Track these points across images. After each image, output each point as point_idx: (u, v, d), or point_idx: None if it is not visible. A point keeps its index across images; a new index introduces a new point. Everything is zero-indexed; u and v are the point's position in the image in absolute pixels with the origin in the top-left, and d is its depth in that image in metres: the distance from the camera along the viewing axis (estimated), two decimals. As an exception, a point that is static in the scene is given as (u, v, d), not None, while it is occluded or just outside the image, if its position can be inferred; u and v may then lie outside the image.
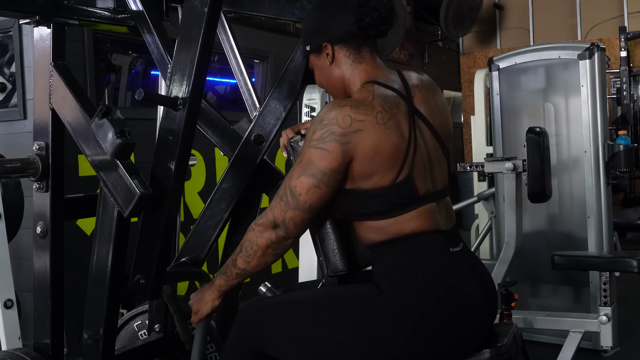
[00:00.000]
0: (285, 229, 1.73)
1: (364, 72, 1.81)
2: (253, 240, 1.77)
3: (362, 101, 1.70)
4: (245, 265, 1.80)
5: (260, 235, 1.76)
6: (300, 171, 1.71)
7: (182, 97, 1.87)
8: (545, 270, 3.82)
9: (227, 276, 1.86)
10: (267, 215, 1.75)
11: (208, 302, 1.91)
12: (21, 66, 3.74)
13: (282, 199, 1.73)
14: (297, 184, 1.70)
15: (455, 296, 1.70)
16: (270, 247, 1.76)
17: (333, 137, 1.66)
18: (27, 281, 2.20)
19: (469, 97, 8.21)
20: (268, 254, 1.77)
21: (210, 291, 1.90)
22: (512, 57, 4.20)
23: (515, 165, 3.58)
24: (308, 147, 1.70)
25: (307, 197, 1.70)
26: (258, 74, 5.48)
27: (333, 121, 1.67)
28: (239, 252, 1.81)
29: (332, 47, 1.82)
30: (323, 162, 1.68)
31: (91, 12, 2.17)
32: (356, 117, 1.67)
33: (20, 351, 2.09)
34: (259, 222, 1.77)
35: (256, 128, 2.16)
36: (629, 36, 7.51)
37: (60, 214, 2.08)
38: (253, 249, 1.77)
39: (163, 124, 1.92)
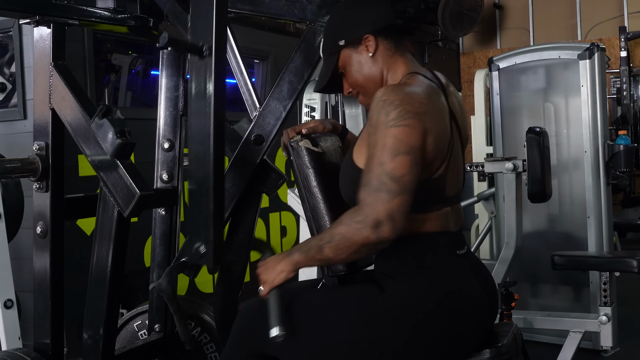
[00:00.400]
0: (392, 224, 1.57)
1: (405, 65, 1.79)
2: (348, 237, 1.61)
3: (419, 87, 1.69)
4: (333, 256, 1.66)
5: (357, 233, 1.60)
6: (391, 153, 1.59)
7: (208, 44, 1.80)
8: (545, 270, 3.82)
9: (308, 257, 1.72)
10: (365, 212, 1.59)
11: (282, 273, 1.76)
12: (21, 66, 3.74)
13: (380, 190, 1.58)
14: (395, 165, 1.58)
15: (457, 297, 1.70)
16: (366, 246, 1.61)
17: (411, 115, 1.61)
18: (27, 281, 2.20)
19: (469, 97, 8.21)
20: (361, 252, 1.64)
21: (285, 263, 1.76)
22: (512, 57, 4.20)
23: (515, 165, 3.58)
24: (387, 127, 1.60)
25: (410, 177, 1.59)
26: (258, 74, 5.48)
27: (404, 101, 1.62)
28: (328, 241, 1.65)
29: (374, 37, 1.78)
30: (411, 137, 1.60)
31: (91, 12, 2.17)
32: (421, 99, 1.65)
33: (20, 351, 2.09)
34: (357, 218, 1.60)
35: (256, 128, 2.16)
36: (629, 36, 7.51)
37: (60, 214, 2.08)
38: (346, 245, 1.62)
39: (194, 79, 1.84)
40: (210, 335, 2.45)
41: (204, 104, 1.81)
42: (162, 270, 2.28)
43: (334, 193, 1.92)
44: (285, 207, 4.17)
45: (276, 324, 1.70)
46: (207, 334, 2.45)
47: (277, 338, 1.66)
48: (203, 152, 1.81)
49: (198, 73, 1.81)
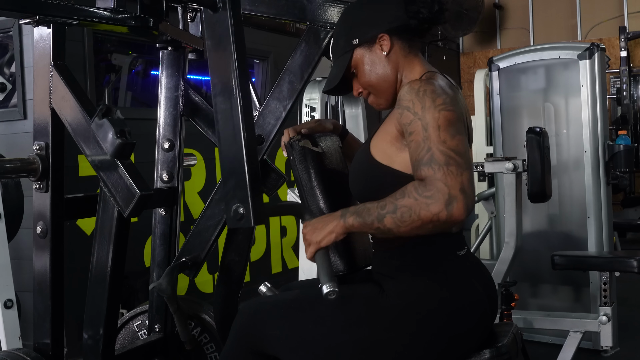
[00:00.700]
0: (464, 199, 1.53)
1: (421, 65, 1.80)
2: (415, 210, 1.55)
3: (444, 84, 1.70)
4: (393, 227, 1.60)
5: (426, 208, 1.54)
6: (448, 133, 1.58)
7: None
8: (545, 270, 3.82)
9: (365, 223, 1.64)
10: (437, 186, 1.54)
11: (332, 233, 1.69)
12: (21, 66, 3.74)
13: (449, 164, 1.55)
14: (456, 143, 1.58)
15: (457, 297, 1.70)
16: (434, 223, 1.55)
17: (450, 102, 1.64)
18: (27, 281, 2.20)
19: (469, 97, 8.21)
20: (427, 229, 1.58)
21: (338, 224, 1.68)
22: (512, 57, 4.20)
23: (515, 165, 3.58)
24: (437, 111, 1.60)
25: (470, 155, 1.62)
26: (258, 74, 5.48)
27: (440, 90, 1.65)
28: (392, 212, 1.59)
29: (388, 36, 1.78)
30: (459, 122, 1.63)
31: (91, 12, 2.16)
32: (451, 95, 1.67)
33: (20, 351, 2.09)
34: (427, 193, 1.54)
35: (256, 128, 2.16)
36: (629, 36, 7.51)
37: (60, 214, 2.08)
38: (412, 218, 1.56)
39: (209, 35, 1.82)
40: (210, 335, 2.45)
41: (225, 60, 1.78)
42: (162, 270, 2.28)
43: (334, 193, 1.92)
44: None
45: (327, 280, 1.63)
46: (207, 334, 2.45)
47: (330, 295, 1.60)
48: (230, 108, 1.79)
49: (213, 29, 1.79)
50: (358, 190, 1.83)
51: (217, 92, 1.82)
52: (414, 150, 1.61)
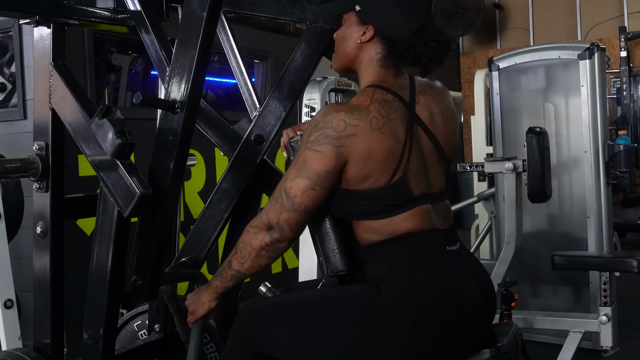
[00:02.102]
0: (280, 231, 1.74)
1: (375, 75, 1.80)
2: (247, 242, 1.77)
3: (358, 106, 1.70)
4: (239, 267, 1.80)
5: (254, 237, 1.76)
6: (295, 173, 1.72)
7: (180, 100, 1.88)
8: (545, 270, 3.82)
9: (222, 278, 1.86)
10: (262, 217, 1.76)
11: (204, 304, 1.92)
12: (21, 66, 3.74)
13: (277, 201, 1.73)
14: (292, 185, 1.71)
15: (453, 295, 1.70)
16: (264, 249, 1.76)
17: (327, 140, 1.68)
18: (27, 281, 2.20)
19: (469, 97, 8.21)
20: (262, 256, 1.77)
21: (207, 292, 1.91)
22: (512, 57, 4.20)
23: (515, 165, 3.58)
24: (303, 149, 1.71)
25: (302, 199, 1.71)
26: (258, 74, 5.48)
27: (328, 125, 1.68)
28: (234, 253, 1.81)
29: (373, 33, 1.79)
30: (317, 164, 1.69)
31: (91, 12, 2.17)
32: (350, 121, 1.68)
33: (20, 351, 2.09)
34: (254, 224, 1.77)
35: (256, 128, 2.16)
36: (629, 36, 7.50)
37: (60, 214, 2.08)
38: (247, 250, 1.77)
39: (162, 125, 1.92)
40: (210, 335, 2.45)
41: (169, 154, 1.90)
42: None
43: (334, 193, 1.92)
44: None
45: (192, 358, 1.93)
46: (207, 334, 2.45)
47: None
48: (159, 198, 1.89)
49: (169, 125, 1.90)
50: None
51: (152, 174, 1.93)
52: None
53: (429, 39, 1.75)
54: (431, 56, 1.75)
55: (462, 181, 7.88)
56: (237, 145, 2.18)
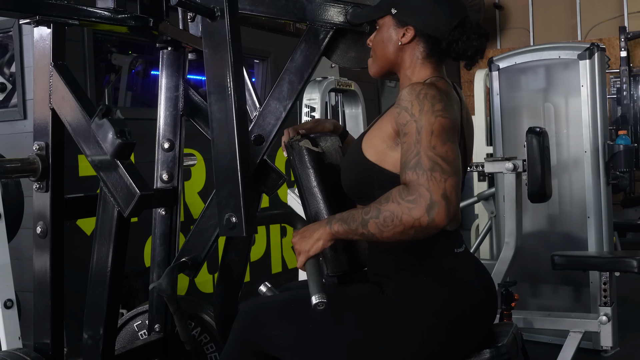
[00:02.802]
0: (447, 204, 1.55)
1: (430, 70, 1.80)
2: (398, 215, 1.58)
3: (447, 91, 1.73)
4: (377, 232, 1.62)
5: (408, 212, 1.56)
6: (440, 139, 1.60)
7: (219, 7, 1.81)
8: (545, 270, 3.82)
9: (350, 229, 1.67)
10: (420, 191, 1.56)
11: (319, 241, 1.72)
12: (21, 66, 3.74)
13: (433, 170, 1.56)
14: (447, 149, 1.59)
15: (456, 295, 1.70)
16: (415, 228, 1.57)
17: (453, 110, 1.66)
18: (27, 281, 2.20)
19: (469, 97, 8.21)
20: (409, 234, 1.59)
21: (324, 231, 1.71)
22: (512, 57, 4.20)
23: (515, 165, 3.58)
24: (434, 117, 1.61)
25: (459, 163, 1.62)
26: (258, 74, 5.48)
27: (444, 98, 1.66)
28: (375, 216, 1.61)
29: (414, 33, 1.78)
30: (454, 130, 1.65)
31: (91, 12, 2.17)
32: (449, 99, 1.69)
33: (20, 351, 2.09)
34: (409, 197, 1.57)
35: (256, 128, 2.16)
36: (629, 36, 7.50)
37: (60, 214, 2.08)
38: (394, 223, 1.58)
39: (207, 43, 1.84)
40: (210, 335, 2.45)
41: (222, 69, 1.81)
42: (162, 270, 2.28)
43: (334, 193, 1.92)
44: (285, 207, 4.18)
45: (316, 292, 1.64)
46: (207, 334, 2.45)
47: (318, 306, 1.62)
48: (225, 119, 1.82)
49: (211, 37, 1.81)
50: (348, 187, 1.84)
51: (213, 101, 1.84)
52: (404, 151, 1.63)
53: (470, 32, 1.75)
54: (476, 48, 1.76)
55: (462, 181, 7.86)
56: (237, 145, 2.18)
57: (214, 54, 1.84)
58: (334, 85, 4.26)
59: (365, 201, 1.70)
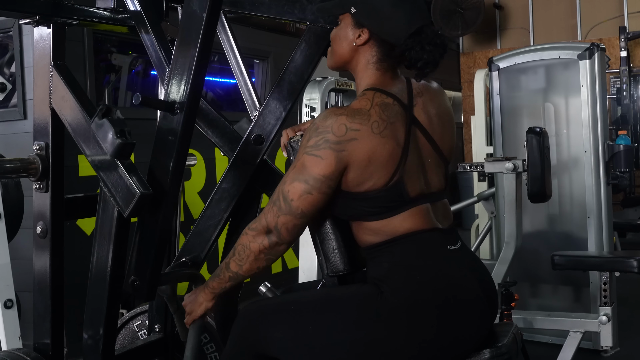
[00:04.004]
0: (278, 235, 1.74)
1: (373, 78, 1.80)
2: (246, 245, 1.78)
3: (359, 110, 1.70)
4: (238, 269, 1.81)
5: (253, 240, 1.76)
6: (293, 176, 1.71)
7: (180, 101, 1.88)
8: (545, 270, 3.82)
9: (220, 279, 1.87)
10: (260, 220, 1.75)
11: (202, 304, 1.93)
12: (21, 66, 3.74)
13: (274, 204, 1.73)
14: (289, 189, 1.71)
15: (455, 297, 1.70)
16: (263, 252, 1.76)
17: (327, 145, 1.67)
18: (27, 281, 2.20)
19: (469, 97, 8.21)
20: (261, 259, 1.78)
21: (204, 293, 1.92)
22: (512, 57, 4.20)
23: (515, 165, 3.58)
24: (302, 153, 1.70)
25: (299, 203, 1.70)
26: (258, 74, 5.48)
27: (328, 129, 1.67)
28: (232, 255, 1.81)
29: (369, 37, 1.78)
30: (316, 168, 1.68)
31: (91, 12, 2.17)
32: (351, 126, 1.67)
33: (20, 351, 2.09)
34: (252, 226, 1.77)
35: (256, 128, 2.16)
36: (629, 36, 7.50)
37: (60, 214, 2.08)
38: (246, 253, 1.78)
39: (161, 125, 1.92)
40: (210, 335, 2.45)
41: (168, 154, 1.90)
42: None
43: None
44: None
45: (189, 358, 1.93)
46: (207, 334, 2.45)
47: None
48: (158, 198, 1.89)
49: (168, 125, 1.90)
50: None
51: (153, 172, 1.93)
52: None
53: (426, 42, 1.73)
54: (426, 60, 1.74)
55: (462, 181, 7.88)
56: (237, 145, 2.18)
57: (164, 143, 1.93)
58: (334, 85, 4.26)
59: None
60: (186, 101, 1.87)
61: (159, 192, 1.89)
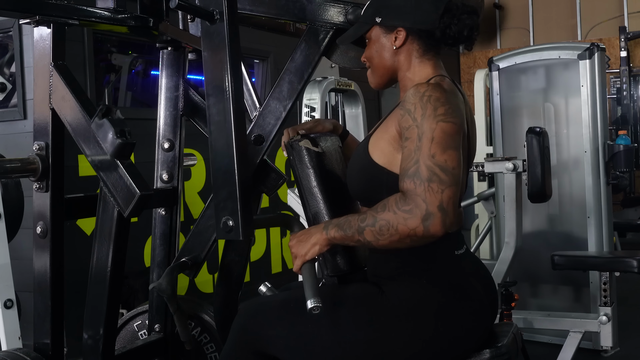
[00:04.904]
0: (444, 215, 1.55)
1: (432, 68, 1.79)
2: (394, 224, 1.58)
3: (452, 90, 1.71)
4: (372, 239, 1.63)
5: (404, 222, 1.57)
6: (442, 146, 1.58)
7: (218, 10, 1.81)
8: (545, 270, 3.82)
9: (346, 235, 1.67)
10: (416, 202, 1.56)
11: (316, 245, 1.72)
12: (21, 66, 3.74)
13: (431, 180, 1.56)
14: (447, 158, 1.58)
15: (457, 299, 1.70)
16: (411, 237, 1.58)
17: (457, 112, 1.64)
18: (27, 281, 2.20)
19: (469, 97, 8.17)
20: (404, 243, 1.60)
21: (321, 235, 1.72)
22: (512, 57, 4.20)
23: (515, 165, 3.58)
24: (435, 122, 1.60)
25: (459, 171, 1.60)
26: (258, 74, 5.48)
27: (449, 100, 1.64)
28: (371, 225, 1.62)
29: (406, 34, 1.77)
30: (458, 135, 1.63)
31: (91, 12, 2.16)
32: (457, 103, 1.68)
33: (20, 351, 2.09)
34: (406, 207, 1.57)
35: (256, 128, 2.16)
36: (629, 36, 7.50)
37: (60, 214, 2.08)
38: (390, 232, 1.59)
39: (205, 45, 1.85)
40: (210, 335, 2.45)
41: (220, 71, 1.81)
42: (162, 270, 2.28)
43: (334, 193, 1.92)
44: (285, 207, 4.18)
45: (311, 296, 1.65)
46: (207, 334, 2.45)
47: (314, 310, 1.63)
48: (223, 121, 1.82)
49: (210, 40, 1.81)
50: (356, 190, 1.83)
51: (211, 103, 1.84)
52: (404, 157, 1.63)
53: (459, 13, 1.74)
54: (470, 27, 1.75)
55: (462, 181, 7.86)
56: (237, 145, 2.18)
57: (213, 56, 1.83)
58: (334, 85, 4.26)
59: (373, 205, 1.68)
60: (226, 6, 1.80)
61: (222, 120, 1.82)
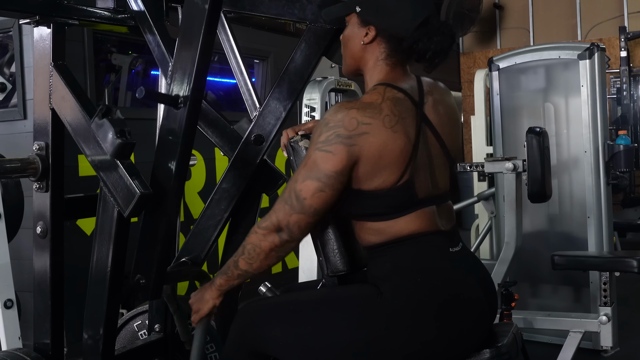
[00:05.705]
0: (289, 233, 1.73)
1: (384, 73, 1.80)
2: (256, 244, 1.76)
3: (370, 104, 1.69)
4: (248, 267, 1.80)
5: (263, 238, 1.75)
6: (305, 174, 1.69)
7: (183, 96, 1.87)
8: (545, 270, 3.82)
9: (228, 276, 1.85)
10: (271, 219, 1.74)
11: (208, 301, 1.90)
12: (21, 66, 3.74)
13: (286, 203, 1.71)
14: (302, 187, 1.69)
15: (455, 298, 1.70)
16: (274, 250, 1.76)
17: (339, 140, 1.65)
18: (27, 281, 2.20)
19: (469, 97, 8.21)
20: (271, 257, 1.77)
21: (211, 290, 1.89)
22: (512, 57, 4.20)
23: (515, 165, 3.58)
24: (313, 149, 1.69)
25: (312, 201, 1.69)
26: (258, 74, 5.48)
27: (339, 123, 1.66)
28: (241, 254, 1.80)
29: (376, 33, 1.78)
30: (328, 164, 1.67)
31: (91, 12, 2.17)
32: (362, 119, 1.66)
33: (20, 351, 2.09)
34: (263, 225, 1.76)
35: (256, 128, 2.16)
36: (629, 36, 7.50)
37: (60, 214, 2.08)
38: (256, 252, 1.77)
39: (164, 124, 1.92)
40: (210, 336, 2.45)
41: (172, 152, 1.90)
42: (162, 271, 2.28)
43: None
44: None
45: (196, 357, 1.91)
46: (207, 334, 2.45)
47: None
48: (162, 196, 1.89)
49: (171, 122, 1.90)
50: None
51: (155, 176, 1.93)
52: None
53: (433, 32, 1.73)
54: (434, 50, 1.74)
55: (462, 181, 7.87)
56: (237, 145, 2.18)
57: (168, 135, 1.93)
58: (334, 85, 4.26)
59: None
60: (190, 95, 1.87)
61: (162, 190, 1.89)
